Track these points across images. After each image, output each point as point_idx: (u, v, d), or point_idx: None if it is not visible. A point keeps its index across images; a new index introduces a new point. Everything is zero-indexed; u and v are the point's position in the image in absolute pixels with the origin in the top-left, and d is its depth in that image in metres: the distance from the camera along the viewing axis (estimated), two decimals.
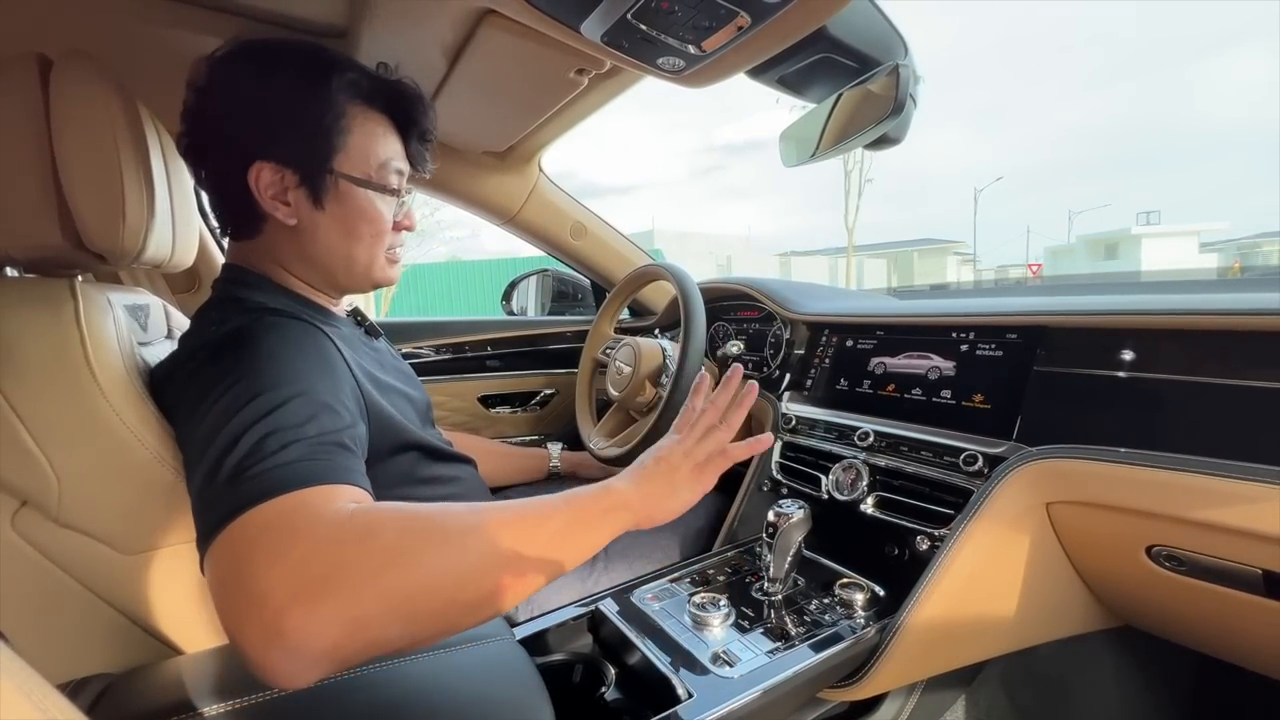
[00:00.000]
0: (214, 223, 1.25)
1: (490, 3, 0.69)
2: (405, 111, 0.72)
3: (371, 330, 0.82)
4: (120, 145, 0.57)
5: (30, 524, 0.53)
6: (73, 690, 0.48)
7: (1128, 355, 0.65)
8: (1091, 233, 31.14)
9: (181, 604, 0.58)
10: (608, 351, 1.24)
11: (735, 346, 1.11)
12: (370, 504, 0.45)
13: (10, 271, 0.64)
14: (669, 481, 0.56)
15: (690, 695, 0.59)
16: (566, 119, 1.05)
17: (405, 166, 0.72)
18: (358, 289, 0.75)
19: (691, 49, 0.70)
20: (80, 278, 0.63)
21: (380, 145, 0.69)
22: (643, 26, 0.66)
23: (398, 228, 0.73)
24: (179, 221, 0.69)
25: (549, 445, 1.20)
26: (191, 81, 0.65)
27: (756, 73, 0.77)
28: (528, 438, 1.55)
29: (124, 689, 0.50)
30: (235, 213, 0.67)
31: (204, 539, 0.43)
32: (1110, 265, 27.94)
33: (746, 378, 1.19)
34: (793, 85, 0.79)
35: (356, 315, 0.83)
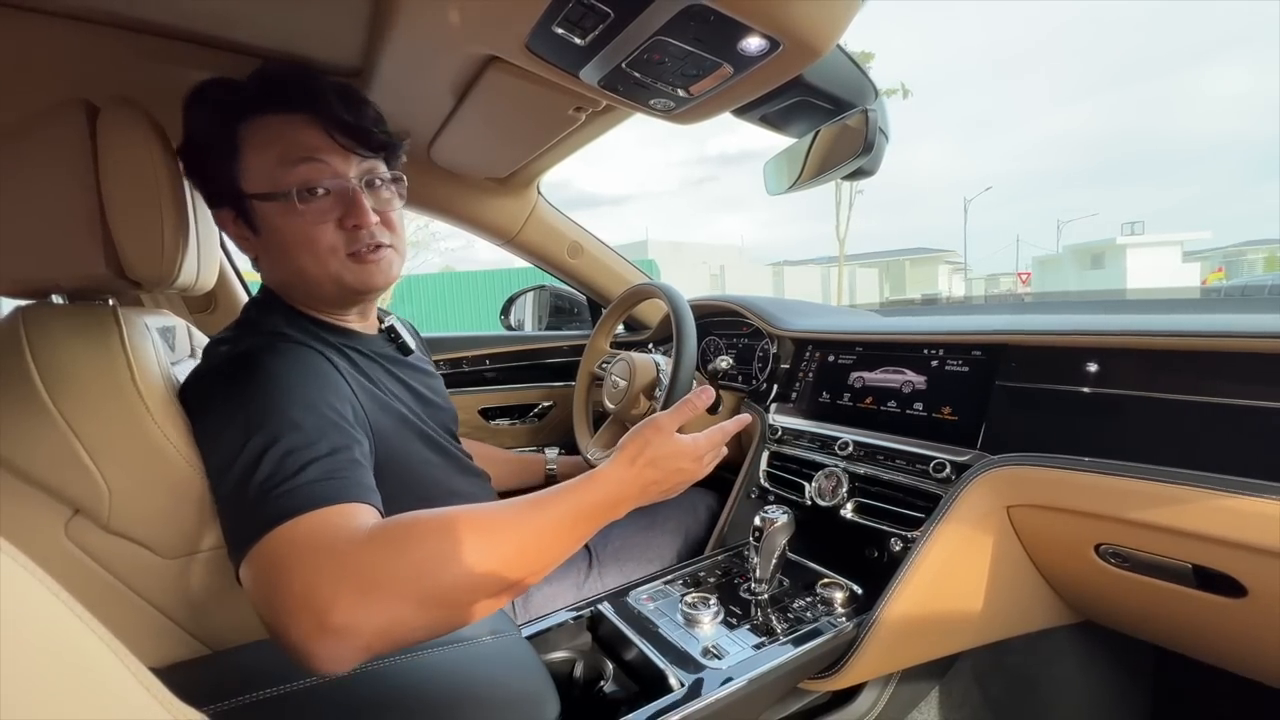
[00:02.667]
0: (229, 245, 1.31)
1: (496, 52, 0.76)
2: (302, 99, 0.66)
3: (403, 348, 0.83)
4: (160, 185, 0.63)
5: (81, 531, 0.58)
6: None
7: (1079, 371, 0.72)
8: (1078, 242, 31.63)
9: (216, 604, 0.63)
10: (604, 366, 1.29)
11: (725, 361, 1.17)
12: (402, 517, 0.49)
13: (55, 299, 0.68)
14: (677, 474, 0.62)
15: (682, 685, 0.64)
16: (564, 148, 1.11)
17: (330, 158, 0.66)
18: (337, 300, 0.72)
19: (680, 92, 0.76)
20: (112, 302, 0.69)
21: (275, 147, 0.64)
22: (636, 74, 0.72)
23: (345, 227, 0.67)
24: (203, 249, 0.74)
25: (545, 450, 1.25)
26: None
27: (740, 112, 0.84)
28: (527, 449, 1.60)
29: (170, 680, 0.55)
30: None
31: (237, 550, 0.49)
32: (1096, 274, 28.33)
33: (736, 390, 1.25)
34: (774, 123, 0.85)
35: (390, 333, 0.83)
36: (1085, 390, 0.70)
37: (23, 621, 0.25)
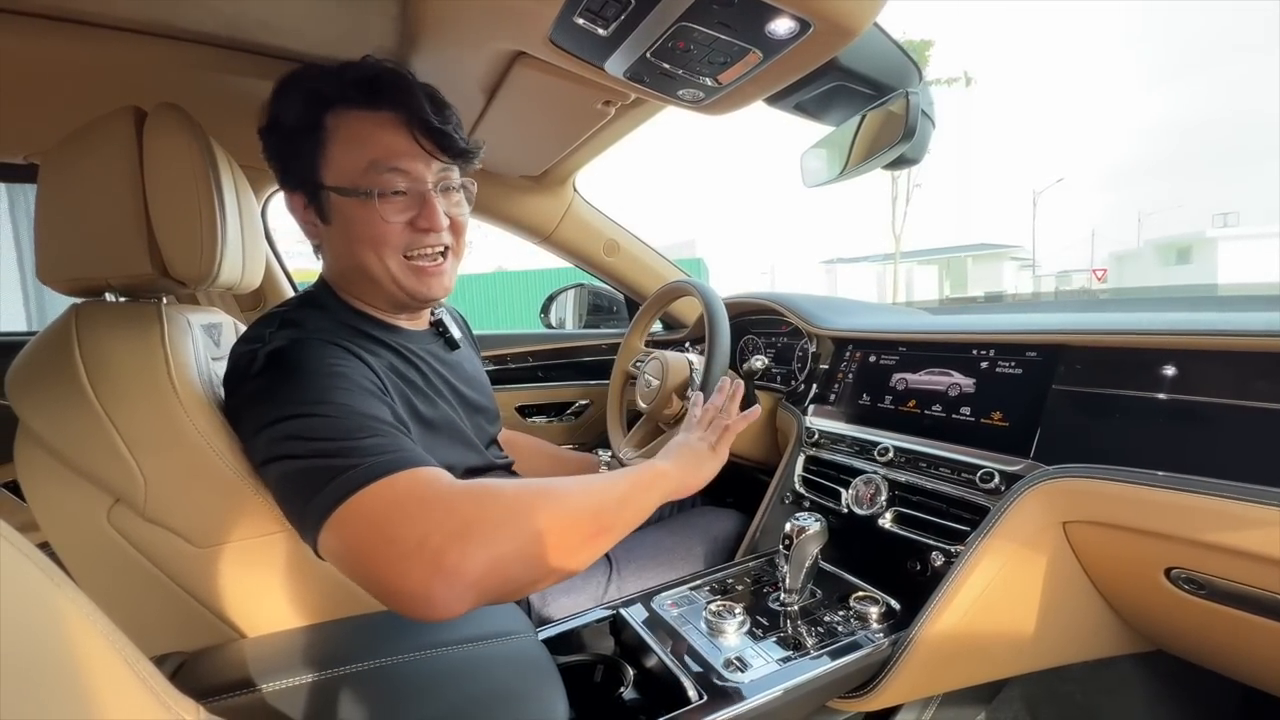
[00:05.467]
0: (277, 245, 1.37)
1: (521, 46, 0.75)
2: (393, 99, 0.67)
3: (450, 342, 0.85)
4: (199, 186, 0.65)
5: (122, 518, 0.60)
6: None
7: (1145, 375, 0.65)
8: (1162, 236, 29.31)
9: (246, 592, 0.65)
10: (638, 364, 1.28)
11: (760, 361, 1.13)
12: (483, 480, 0.55)
13: (109, 296, 0.72)
14: (696, 458, 0.71)
15: (701, 697, 0.62)
16: (597, 144, 1.10)
17: (413, 164, 0.67)
18: (396, 301, 0.74)
19: (709, 82, 0.74)
20: (165, 300, 0.72)
21: (364, 148, 0.65)
22: (662, 64, 0.70)
23: (416, 229, 0.69)
24: (248, 248, 0.77)
25: (598, 452, 1.26)
26: None
27: (773, 100, 0.80)
28: (563, 446, 1.60)
29: (195, 666, 0.57)
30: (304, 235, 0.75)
31: (318, 517, 0.50)
32: (1182, 270, 26.17)
33: (773, 391, 1.21)
34: (809, 111, 0.81)
35: (439, 327, 0.85)
36: (1152, 396, 0.63)
37: (17, 610, 0.25)
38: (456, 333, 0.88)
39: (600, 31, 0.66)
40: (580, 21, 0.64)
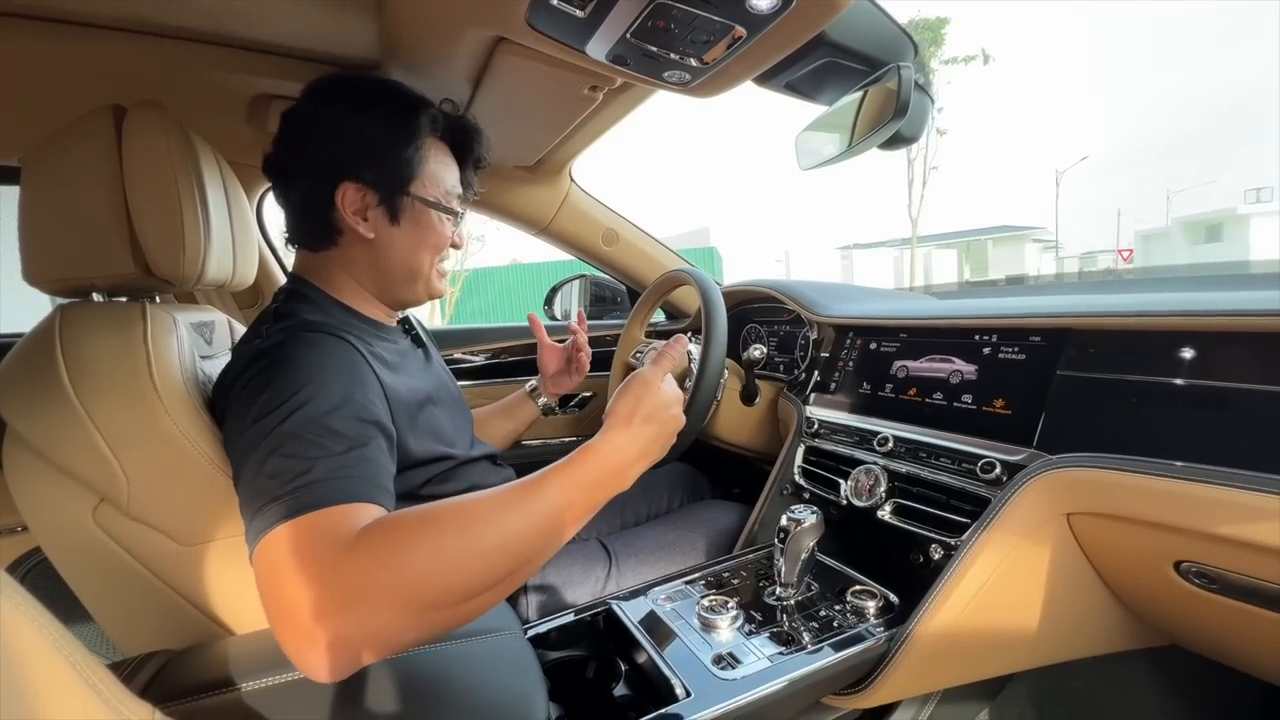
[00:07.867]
0: (274, 242, 1.37)
1: (499, 31, 0.73)
2: (465, 143, 0.81)
3: (417, 340, 0.86)
4: (179, 183, 0.64)
5: (108, 517, 0.60)
6: (137, 665, 0.55)
7: (1156, 359, 0.62)
8: (1191, 214, 28.33)
9: (232, 590, 0.65)
10: (637, 355, 1.26)
11: (758, 350, 1.11)
12: (385, 519, 0.48)
13: (96, 297, 0.72)
14: (661, 430, 0.56)
15: (689, 694, 0.60)
16: (589, 132, 1.08)
17: (461, 192, 0.81)
18: (415, 299, 0.81)
19: (694, 62, 0.71)
20: (158, 299, 0.71)
21: (447, 173, 0.78)
22: (644, 45, 0.68)
23: (456, 244, 0.81)
24: (239, 245, 0.76)
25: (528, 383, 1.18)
26: (291, 109, 0.73)
27: (763, 79, 0.77)
28: (568, 439, 1.59)
29: (181, 664, 0.57)
30: (314, 226, 0.73)
31: (250, 541, 0.49)
32: (1212, 249, 25.27)
33: (775, 380, 1.19)
34: (801, 90, 0.78)
35: (405, 324, 0.86)
36: (1161, 381, 0.60)
37: None
38: (421, 334, 0.89)
39: (577, 13, 0.64)
40: (555, 2, 0.62)
